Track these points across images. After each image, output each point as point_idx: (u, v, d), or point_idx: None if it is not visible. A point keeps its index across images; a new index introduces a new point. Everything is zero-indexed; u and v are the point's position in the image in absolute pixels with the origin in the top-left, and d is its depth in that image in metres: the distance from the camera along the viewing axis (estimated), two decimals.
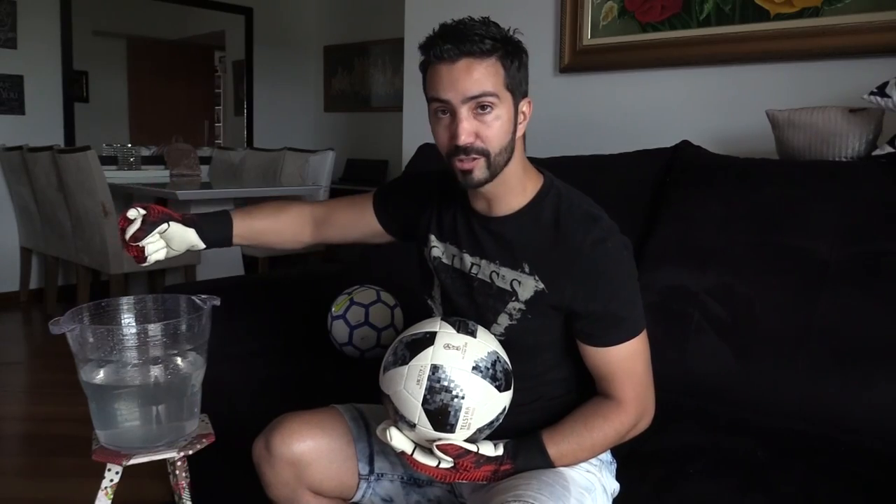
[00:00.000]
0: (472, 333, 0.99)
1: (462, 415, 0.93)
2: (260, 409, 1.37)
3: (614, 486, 1.09)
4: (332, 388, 1.53)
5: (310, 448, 1.12)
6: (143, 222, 1.08)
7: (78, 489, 1.98)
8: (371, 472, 1.16)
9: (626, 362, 1.02)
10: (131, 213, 1.09)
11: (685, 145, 1.78)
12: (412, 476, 1.17)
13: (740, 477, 1.13)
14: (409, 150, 2.60)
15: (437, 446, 0.94)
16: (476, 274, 1.08)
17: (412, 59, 2.76)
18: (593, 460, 1.07)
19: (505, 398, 0.98)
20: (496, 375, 0.97)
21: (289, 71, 5.58)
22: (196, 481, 1.29)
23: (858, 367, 1.31)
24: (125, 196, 4.29)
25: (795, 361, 1.36)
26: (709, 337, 1.47)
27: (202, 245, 1.16)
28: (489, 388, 0.95)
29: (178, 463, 1.22)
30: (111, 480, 1.20)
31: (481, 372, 0.95)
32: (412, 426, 0.95)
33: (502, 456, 0.98)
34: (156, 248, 1.11)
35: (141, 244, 1.08)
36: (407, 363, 0.96)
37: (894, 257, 1.36)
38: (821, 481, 1.12)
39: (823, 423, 1.29)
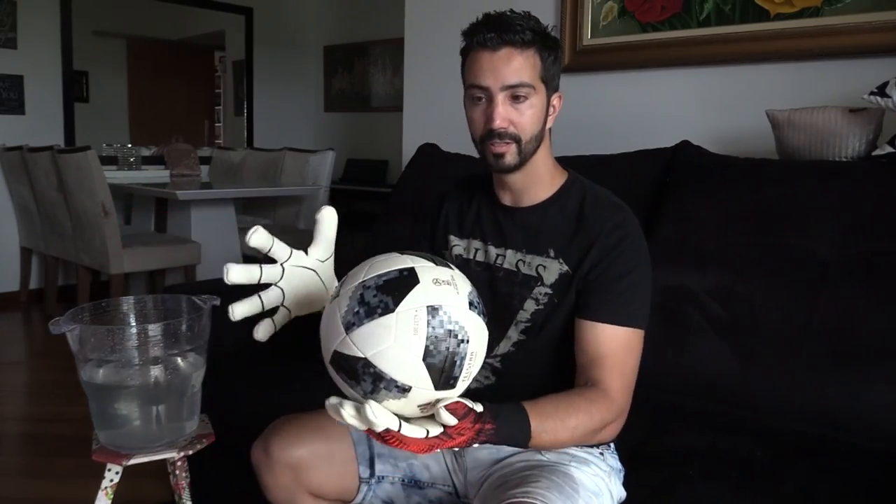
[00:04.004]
0: (448, 265, 0.85)
1: (466, 363, 0.78)
2: (260, 409, 1.37)
3: (622, 494, 1.09)
4: (333, 389, 1.53)
5: (309, 452, 1.11)
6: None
7: (78, 489, 1.98)
8: (372, 475, 1.15)
9: (620, 351, 1.01)
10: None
11: (685, 145, 1.78)
12: (413, 478, 1.17)
13: (740, 477, 1.13)
14: (409, 150, 2.60)
15: (447, 407, 0.75)
16: (501, 264, 1.12)
17: (412, 59, 2.76)
18: (602, 465, 1.06)
19: (486, 329, 0.85)
20: (483, 308, 0.84)
21: (289, 71, 5.57)
22: (196, 481, 1.29)
23: (858, 367, 1.31)
24: (125, 196, 4.30)
25: (795, 361, 1.36)
26: (709, 337, 1.47)
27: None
28: (482, 325, 0.82)
29: (178, 463, 1.22)
30: (111, 480, 1.20)
31: (476, 308, 0.81)
32: (405, 390, 0.76)
33: (485, 413, 0.81)
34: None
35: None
36: (393, 310, 0.75)
37: (894, 257, 1.36)
38: (821, 481, 1.12)
39: (823, 423, 1.29)
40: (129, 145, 4.71)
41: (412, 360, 0.75)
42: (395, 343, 0.75)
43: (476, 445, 0.94)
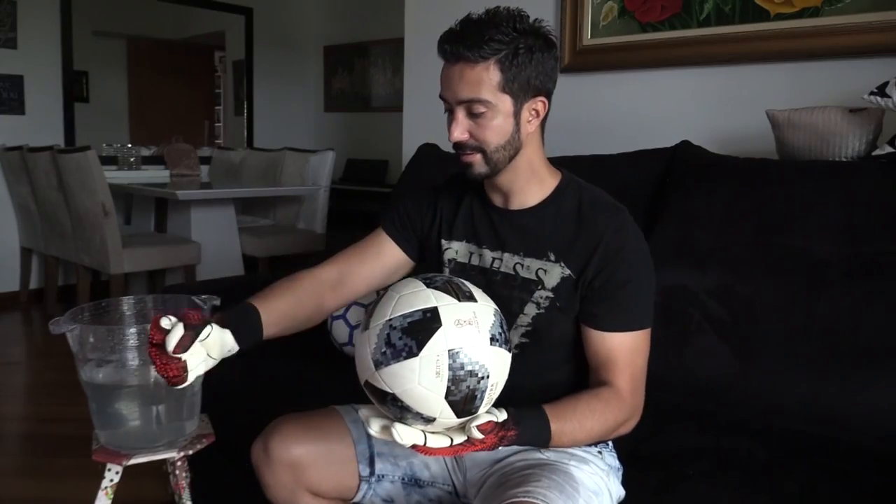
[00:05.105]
0: (471, 296, 0.88)
1: (487, 394, 0.85)
2: (260, 409, 1.37)
3: (620, 493, 1.09)
4: (332, 389, 1.53)
5: (308, 451, 1.11)
6: (184, 328, 0.89)
7: (78, 489, 1.98)
8: (372, 473, 1.15)
9: (628, 353, 1.02)
10: (165, 322, 0.89)
11: (685, 145, 1.78)
12: (413, 476, 1.17)
13: (741, 478, 1.13)
14: (409, 150, 2.60)
15: (478, 428, 0.84)
16: (498, 268, 1.10)
17: (412, 59, 2.75)
18: (601, 464, 1.06)
19: (510, 355, 0.91)
20: (506, 336, 0.89)
21: (289, 71, 5.57)
22: (196, 481, 1.29)
23: (858, 367, 1.31)
24: (125, 196, 4.30)
25: (795, 361, 1.36)
26: (709, 337, 1.47)
27: (237, 348, 1.00)
28: (504, 355, 0.88)
29: (178, 463, 1.22)
30: (111, 480, 1.20)
31: (498, 341, 0.86)
32: (430, 420, 0.84)
33: (508, 420, 0.89)
34: (197, 362, 0.92)
35: (183, 357, 0.89)
36: (416, 354, 0.82)
37: (894, 257, 1.36)
38: (821, 481, 1.12)
39: (823, 423, 1.29)
40: (129, 145, 4.71)
41: (435, 398, 0.82)
42: (418, 384, 0.82)
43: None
